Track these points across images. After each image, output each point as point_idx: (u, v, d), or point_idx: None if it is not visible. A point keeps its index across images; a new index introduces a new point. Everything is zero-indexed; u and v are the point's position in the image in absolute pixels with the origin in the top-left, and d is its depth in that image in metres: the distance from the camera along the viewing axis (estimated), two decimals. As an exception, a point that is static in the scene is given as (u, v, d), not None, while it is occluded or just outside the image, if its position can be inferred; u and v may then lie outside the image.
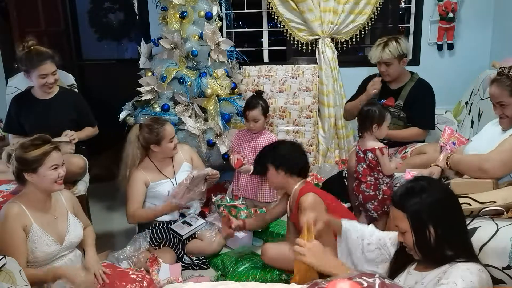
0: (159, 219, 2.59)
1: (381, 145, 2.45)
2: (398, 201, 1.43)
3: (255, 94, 3.05)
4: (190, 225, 2.57)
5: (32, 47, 2.59)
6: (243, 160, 2.89)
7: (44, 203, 1.95)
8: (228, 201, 2.86)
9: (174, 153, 2.65)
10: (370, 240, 1.69)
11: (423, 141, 2.97)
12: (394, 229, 1.52)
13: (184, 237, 2.51)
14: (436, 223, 1.37)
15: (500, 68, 1.98)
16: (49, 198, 1.98)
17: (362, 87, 3.18)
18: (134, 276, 2.01)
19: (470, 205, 1.78)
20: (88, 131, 2.85)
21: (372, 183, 2.45)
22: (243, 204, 2.81)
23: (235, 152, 3.07)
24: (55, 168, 1.89)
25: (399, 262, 1.56)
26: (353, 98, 3.18)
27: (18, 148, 1.86)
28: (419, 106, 2.88)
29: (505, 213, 1.74)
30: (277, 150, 2.28)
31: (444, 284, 1.31)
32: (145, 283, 1.99)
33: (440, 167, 2.26)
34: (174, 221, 2.61)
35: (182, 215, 2.67)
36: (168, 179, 2.62)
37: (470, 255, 1.40)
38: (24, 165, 1.85)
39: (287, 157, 2.24)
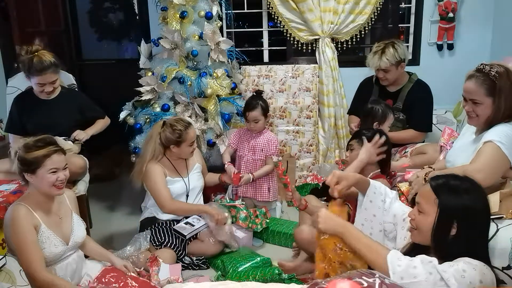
0: (163, 218, 2.60)
1: None
2: (438, 187, 1.42)
3: (254, 94, 3.04)
4: (193, 225, 2.58)
5: (35, 53, 2.56)
6: (240, 173, 2.86)
7: (48, 204, 1.93)
8: (228, 201, 2.86)
9: (190, 157, 2.67)
10: (388, 210, 1.70)
11: (423, 141, 2.97)
12: None
13: (187, 237, 2.51)
14: (461, 225, 1.37)
15: (481, 64, 1.91)
16: (52, 198, 1.96)
17: (359, 92, 3.21)
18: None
19: None
20: (101, 124, 2.90)
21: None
22: (242, 204, 2.81)
23: (232, 149, 3.05)
24: (54, 172, 1.85)
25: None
26: (353, 105, 3.25)
27: (22, 148, 1.84)
28: (416, 108, 2.89)
29: (504, 216, 1.75)
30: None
31: (446, 263, 1.32)
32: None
33: (434, 169, 2.24)
34: (177, 221, 2.61)
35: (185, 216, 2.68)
36: (181, 178, 2.63)
37: (478, 258, 1.39)
38: (24, 165, 1.84)
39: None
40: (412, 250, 1.55)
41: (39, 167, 1.83)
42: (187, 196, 2.67)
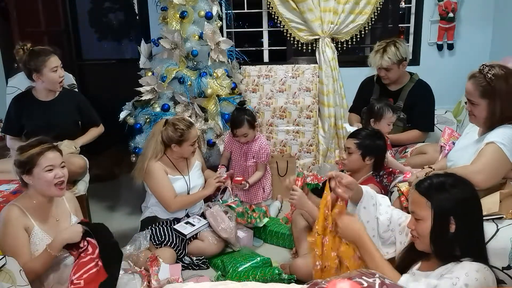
0: (163, 217, 2.60)
1: None
2: (426, 190, 1.43)
3: (238, 106, 3.02)
4: (193, 225, 2.58)
5: (31, 48, 2.62)
6: (235, 175, 2.87)
7: (45, 206, 1.92)
8: (222, 202, 2.85)
9: (191, 157, 2.66)
10: (382, 220, 1.70)
11: (423, 141, 2.97)
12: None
13: (188, 237, 2.51)
14: (459, 219, 1.38)
15: (483, 65, 1.91)
16: (50, 200, 1.94)
17: (361, 91, 3.21)
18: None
19: None
20: (94, 132, 2.87)
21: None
22: (235, 200, 2.78)
23: (227, 152, 3.05)
24: (50, 169, 1.83)
25: (404, 263, 1.56)
26: (354, 103, 3.26)
27: (17, 150, 1.84)
28: (418, 108, 2.89)
29: (504, 216, 1.75)
30: (376, 140, 2.33)
31: (447, 278, 1.31)
32: None
33: (434, 169, 2.23)
34: (178, 221, 2.61)
35: (187, 215, 2.68)
36: (182, 176, 2.63)
37: (479, 258, 1.39)
38: (19, 167, 1.82)
39: (378, 150, 2.32)
40: (409, 255, 1.55)
41: (34, 166, 1.81)
42: (188, 194, 2.66)
